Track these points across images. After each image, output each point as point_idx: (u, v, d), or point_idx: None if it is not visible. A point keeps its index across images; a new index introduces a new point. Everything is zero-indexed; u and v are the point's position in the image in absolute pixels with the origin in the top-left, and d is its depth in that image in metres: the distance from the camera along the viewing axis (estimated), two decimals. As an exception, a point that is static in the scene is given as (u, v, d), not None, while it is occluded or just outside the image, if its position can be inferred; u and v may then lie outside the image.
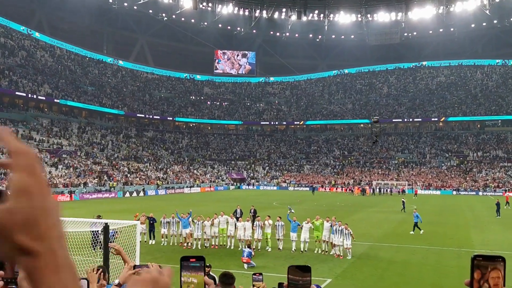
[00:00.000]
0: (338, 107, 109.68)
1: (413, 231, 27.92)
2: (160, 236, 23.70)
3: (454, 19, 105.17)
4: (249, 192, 72.70)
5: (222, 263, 18.12)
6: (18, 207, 0.79)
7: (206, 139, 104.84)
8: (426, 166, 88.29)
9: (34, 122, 72.89)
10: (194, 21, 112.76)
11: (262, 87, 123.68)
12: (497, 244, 24.31)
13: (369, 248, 23.02)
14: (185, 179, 79.92)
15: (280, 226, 22.44)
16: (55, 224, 0.84)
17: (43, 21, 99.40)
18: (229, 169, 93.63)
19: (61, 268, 0.82)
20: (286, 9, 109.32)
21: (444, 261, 19.80)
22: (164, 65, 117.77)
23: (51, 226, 0.83)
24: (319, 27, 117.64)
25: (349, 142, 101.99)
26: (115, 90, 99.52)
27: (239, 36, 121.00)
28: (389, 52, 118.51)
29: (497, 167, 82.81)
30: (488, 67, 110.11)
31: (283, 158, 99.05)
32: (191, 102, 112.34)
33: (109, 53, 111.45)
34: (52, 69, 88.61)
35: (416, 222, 28.18)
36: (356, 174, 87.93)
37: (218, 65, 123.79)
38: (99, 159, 72.63)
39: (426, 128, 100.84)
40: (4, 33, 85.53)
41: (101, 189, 62.01)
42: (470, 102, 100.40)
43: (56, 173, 60.91)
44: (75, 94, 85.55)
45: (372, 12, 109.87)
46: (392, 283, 15.82)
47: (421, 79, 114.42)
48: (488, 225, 32.73)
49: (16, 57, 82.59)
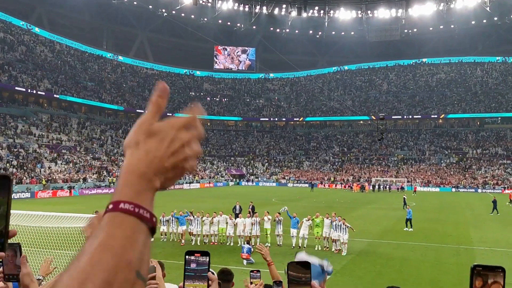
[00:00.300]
0: (338, 104, 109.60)
1: (407, 228, 27.95)
2: (159, 233, 23.74)
3: (454, 16, 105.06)
4: (248, 188, 72.70)
5: (221, 259, 18.15)
6: (158, 123, 0.98)
7: (206, 135, 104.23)
8: (425, 163, 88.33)
9: (34, 117, 72.81)
10: (194, 16, 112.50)
11: (262, 83, 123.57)
12: (495, 242, 24.34)
13: (368, 244, 23.05)
14: (184, 175, 79.76)
15: (279, 222, 22.51)
16: (162, 144, 0.97)
17: (43, 16, 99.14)
18: (229, 165, 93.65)
19: (144, 167, 0.94)
20: (286, 5, 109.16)
21: (442, 258, 19.84)
22: (163, 61, 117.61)
23: (161, 142, 0.97)
24: (319, 23, 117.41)
25: (349, 138, 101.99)
26: (114, 85, 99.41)
27: (239, 32, 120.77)
28: (389, 49, 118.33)
29: (497, 164, 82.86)
30: (488, 64, 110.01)
31: (283, 155, 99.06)
32: (190, 98, 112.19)
33: (108, 49, 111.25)
34: (51, 65, 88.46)
35: (410, 218, 28.16)
36: (355, 171, 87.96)
37: (218, 60, 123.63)
38: (98, 154, 72.62)
39: (425, 125, 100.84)
40: (3, 28, 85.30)
41: (101, 185, 62.03)
42: (470, 99, 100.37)
43: (56, 169, 60.91)
44: (75, 89, 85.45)
45: (372, 8, 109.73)
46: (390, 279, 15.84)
47: (421, 76, 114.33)
48: (487, 223, 32.78)
49: (15, 52, 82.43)
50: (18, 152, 60.27)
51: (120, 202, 0.87)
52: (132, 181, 0.90)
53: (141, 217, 0.88)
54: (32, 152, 62.13)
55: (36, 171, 57.96)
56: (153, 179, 0.92)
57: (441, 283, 15.78)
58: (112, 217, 0.87)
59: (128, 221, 0.86)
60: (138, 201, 0.88)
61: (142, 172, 0.91)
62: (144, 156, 0.92)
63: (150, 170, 0.92)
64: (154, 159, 0.93)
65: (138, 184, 0.91)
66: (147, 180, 0.91)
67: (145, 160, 0.92)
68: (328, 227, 21.48)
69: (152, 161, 0.92)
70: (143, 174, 0.91)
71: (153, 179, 0.92)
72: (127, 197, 0.88)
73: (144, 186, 0.91)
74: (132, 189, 0.90)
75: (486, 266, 1.31)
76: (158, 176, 0.93)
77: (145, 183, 0.91)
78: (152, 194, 0.93)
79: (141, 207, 0.88)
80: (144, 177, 0.91)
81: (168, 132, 0.96)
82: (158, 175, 0.93)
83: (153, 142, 0.94)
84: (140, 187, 0.91)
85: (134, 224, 0.86)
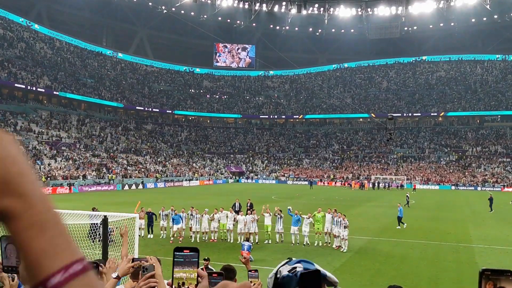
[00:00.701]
0: (338, 101, 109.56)
1: (399, 226, 27.96)
2: (159, 229, 23.76)
3: (454, 14, 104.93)
4: (248, 186, 72.75)
5: (221, 257, 18.19)
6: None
7: (205, 132, 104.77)
8: (425, 161, 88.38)
9: (33, 114, 72.77)
10: (194, 13, 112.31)
11: (262, 80, 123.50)
12: (495, 240, 24.39)
13: (367, 242, 23.09)
14: (184, 172, 79.94)
15: (280, 218, 22.57)
16: (33, 183, 0.79)
17: (43, 13, 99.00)
18: (228, 162, 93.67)
19: (47, 226, 0.78)
20: (286, 3, 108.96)
21: (442, 256, 19.87)
22: (163, 58, 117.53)
23: (28, 184, 0.78)
24: (319, 20, 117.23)
25: (348, 136, 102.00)
26: (114, 82, 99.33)
27: (239, 29, 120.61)
28: (389, 47, 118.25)
29: (496, 162, 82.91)
30: (488, 62, 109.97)
31: (282, 152, 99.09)
32: (190, 95, 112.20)
33: (108, 46, 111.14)
34: (51, 61, 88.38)
35: (401, 216, 28.19)
36: (355, 169, 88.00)
37: (219, 58, 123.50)
38: (98, 151, 72.60)
39: (425, 123, 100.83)
40: (3, 24, 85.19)
41: (100, 182, 62.03)
42: (469, 97, 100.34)
43: (55, 165, 60.91)
44: (74, 86, 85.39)
45: (372, 6, 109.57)
46: (390, 277, 15.86)
47: (420, 73, 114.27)
48: (486, 221, 32.81)
49: (15, 49, 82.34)
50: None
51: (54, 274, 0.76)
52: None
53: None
54: (32, 149, 62.11)
55: (36, 168, 57.95)
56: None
57: (440, 281, 15.80)
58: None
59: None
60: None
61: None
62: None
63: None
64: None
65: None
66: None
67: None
68: (330, 222, 21.60)
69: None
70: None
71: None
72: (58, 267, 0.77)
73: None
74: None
75: (495, 270, 1.29)
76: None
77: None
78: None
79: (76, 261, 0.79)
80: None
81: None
82: None
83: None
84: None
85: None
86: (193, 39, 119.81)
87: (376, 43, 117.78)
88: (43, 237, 0.76)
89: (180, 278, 1.98)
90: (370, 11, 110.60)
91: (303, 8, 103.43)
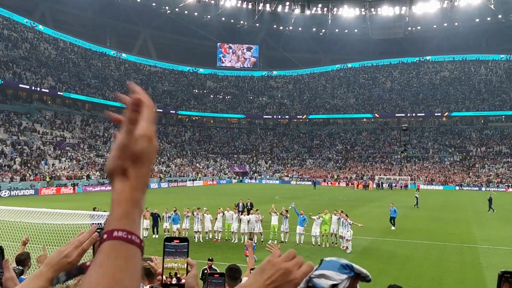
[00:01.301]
0: (341, 101, 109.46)
1: (394, 227, 27.71)
2: (162, 231, 23.81)
3: (458, 14, 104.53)
4: (251, 186, 72.76)
5: (225, 257, 18.20)
6: (140, 145, 0.99)
7: (209, 133, 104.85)
8: (429, 161, 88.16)
9: (38, 115, 73.00)
10: (197, 14, 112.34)
11: (265, 80, 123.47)
12: (499, 240, 24.31)
13: (371, 242, 23.07)
14: (187, 172, 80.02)
15: (286, 218, 22.59)
16: (149, 168, 1.00)
17: (47, 14, 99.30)
18: (232, 162, 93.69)
19: (138, 194, 0.98)
20: (289, 3, 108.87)
21: (445, 257, 19.83)
22: (167, 58, 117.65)
23: (148, 166, 0.99)
24: (323, 21, 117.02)
25: (352, 136, 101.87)
26: (118, 83, 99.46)
27: (242, 30, 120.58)
28: (392, 47, 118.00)
29: (500, 162, 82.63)
30: (492, 62, 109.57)
31: (286, 152, 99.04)
32: (194, 96, 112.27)
33: (112, 46, 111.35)
34: (55, 62, 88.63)
35: (394, 217, 27.96)
36: (358, 169, 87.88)
37: (224, 58, 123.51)
38: (102, 151, 72.75)
39: (429, 123, 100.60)
40: (7, 25, 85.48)
41: (104, 182, 62.06)
42: (473, 97, 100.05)
43: (59, 166, 61.08)
44: (79, 86, 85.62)
45: (376, 6, 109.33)
46: (393, 277, 15.84)
47: (424, 73, 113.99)
48: (490, 221, 32.72)
49: (19, 50, 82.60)
50: (22, 149, 60.50)
51: (114, 230, 0.93)
52: (126, 210, 0.96)
53: (133, 242, 0.93)
54: (36, 149, 62.33)
55: (40, 168, 58.15)
56: (142, 202, 0.99)
57: (443, 281, 15.77)
58: (113, 246, 0.92)
59: (126, 249, 0.92)
60: (132, 228, 0.94)
61: (136, 199, 0.97)
62: (135, 183, 0.98)
63: (142, 194, 0.98)
64: (145, 184, 1.00)
65: (132, 212, 0.96)
66: (139, 206, 0.98)
67: (137, 186, 0.97)
68: (336, 223, 21.69)
69: (144, 186, 0.99)
70: (136, 201, 0.97)
71: (142, 202, 0.99)
72: (122, 226, 0.93)
73: (137, 213, 0.97)
74: (128, 218, 0.95)
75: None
76: (145, 193, 1.01)
77: (138, 210, 0.97)
78: (140, 217, 0.99)
79: (133, 233, 0.94)
80: (137, 205, 0.97)
81: (152, 156, 1.01)
82: (144, 193, 1.00)
83: (143, 167, 1.00)
84: (134, 214, 0.96)
85: (130, 250, 0.92)
86: (196, 39, 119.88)
87: (380, 43, 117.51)
88: (136, 193, 0.97)
89: (171, 268, 2.01)
90: (373, 11, 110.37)
91: (307, 8, 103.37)
